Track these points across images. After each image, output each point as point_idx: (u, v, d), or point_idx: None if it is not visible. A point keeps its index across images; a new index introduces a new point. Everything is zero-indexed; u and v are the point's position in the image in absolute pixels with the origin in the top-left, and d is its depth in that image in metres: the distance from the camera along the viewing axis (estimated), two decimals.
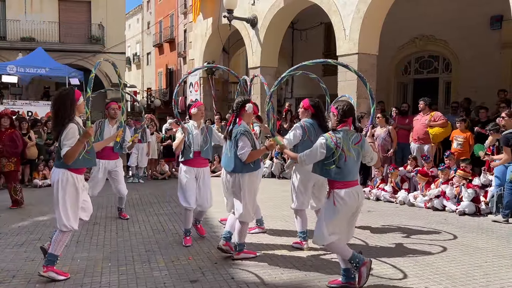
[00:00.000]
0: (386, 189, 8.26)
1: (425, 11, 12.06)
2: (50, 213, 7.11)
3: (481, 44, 11.07)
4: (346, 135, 3.76)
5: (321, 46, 15.93)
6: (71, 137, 3.95)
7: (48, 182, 10.19)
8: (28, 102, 15.86)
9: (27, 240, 5.54)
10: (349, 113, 3.80)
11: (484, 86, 10.74)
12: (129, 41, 36.84)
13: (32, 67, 16.76)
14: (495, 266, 4.56)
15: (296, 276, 4.22)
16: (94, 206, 7.70)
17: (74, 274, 4.29)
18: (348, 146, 3.74)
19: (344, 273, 3.90)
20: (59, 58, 20.40)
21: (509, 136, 6.53)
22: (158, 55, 35.01)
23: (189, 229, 5.35)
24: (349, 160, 3.74)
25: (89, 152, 4.15)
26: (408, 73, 13.51)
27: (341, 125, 3.79)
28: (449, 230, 6.05)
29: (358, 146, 3.81)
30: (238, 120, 4.54)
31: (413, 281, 4.13)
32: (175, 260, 4.71)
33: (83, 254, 4.95)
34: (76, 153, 3.94)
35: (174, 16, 31.06)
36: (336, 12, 10.17)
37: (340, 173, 3.73)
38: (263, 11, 12.57)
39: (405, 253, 4.98)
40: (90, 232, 5.94)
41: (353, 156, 3.77)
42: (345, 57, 9.92)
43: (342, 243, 3.87)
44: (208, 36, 15.43)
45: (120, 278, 4.19)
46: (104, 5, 22.89)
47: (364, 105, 9.62)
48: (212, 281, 4.10)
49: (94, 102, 17.84)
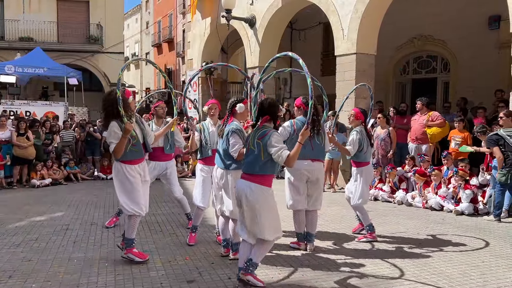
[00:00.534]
0: (384, 189, 8.27)
1: (423, 11, 12.05)
2: (48, 213, 7.12)
3: (479, 44, 11.06)
4: (256, 130, 3.98)
5: (319, 46, 15.93)
6: (113, 134, 4.35)
7: (46, 182, 10.20)
8: (26, 102, 15.79)
9: (24, 240, 5.52)
10: (267, 110, 3.99)
11: (482, 86, 10.74)
12: (128, 41, 36.82)
13: (30, 67, 16.75)
14: (492, 266, 4.56)
15: (293, 276, 4.22)
16: (91, 205, 7.75)
17: (71, 274, 4.28)
18: (252, 141, 3.94)
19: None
20: (58, 58, 20.39)
21: (494, 137, 6.63)
22: (157, 55, 35.00)
23: (197, 226, 5.38)
24: (250, 152, 3.94)
25: (135, 145, 4.52)
26: (407, 73, 13.51)
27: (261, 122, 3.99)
28: (446, 230, 6.05)
29: (260, 141, 3.88)
30: (229, 119, 4.56)
31: (410, 281, 4.13)
32: (172, 260, 4.70)
33: (80, 254, 4.93)
34: (121, 148, 4.35)
35: (172, 16, 31.06)
36: (334, 12, 10.17)
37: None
38: (261, 11, 12.56)
39: (402, 253, 4.98)
40: (88, 232, 5.92)
41: (254, 149, 3.90)
42: (343, 57, 9.92)
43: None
44: (206, 36, 15.42)
45: (117, 278, 4.18)
46: (103, 5, 22.88)
47: (362, 104, 9.61)
48: (209, 281, 4.09)
49: (93, 101, 17.86)
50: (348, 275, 4.27)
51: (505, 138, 6.49)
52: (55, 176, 10.50)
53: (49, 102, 16.96)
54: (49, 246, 5.26)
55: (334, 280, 4.11)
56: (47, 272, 4.35)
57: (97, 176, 11.53)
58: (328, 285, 4.02)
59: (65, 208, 7.55)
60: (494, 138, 6.62)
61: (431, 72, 12.87)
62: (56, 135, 11.38)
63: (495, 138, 6.61)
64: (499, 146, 6.54)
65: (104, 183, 10.70)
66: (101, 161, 11.70)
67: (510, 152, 6.43)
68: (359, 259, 4.78)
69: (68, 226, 6.23)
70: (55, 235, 5.74)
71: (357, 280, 4.13)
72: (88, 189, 9.79)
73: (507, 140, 6.46)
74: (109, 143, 4.42)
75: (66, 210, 7.42)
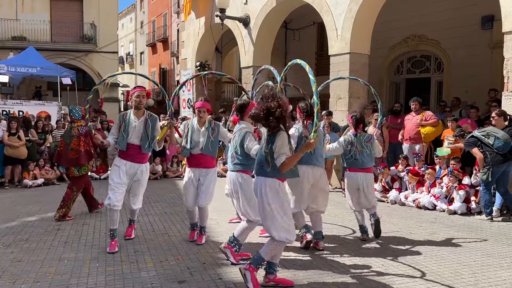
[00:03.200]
0: (377, 188, 8.27)
1: (417, 11, 12.08)
2: (39, 213, 7.07)
3: (473, 44, 11.10)
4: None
5: (314, 46, 15.93)
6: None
7: (38, 183, 10.11)
8: (19, 101, 15.67)
9: (14, 240, 5.47)
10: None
11: (475, 86, 10.78)
12: (122, 41, 36.69)
13: (23, 67, 16.61)
14: (483, 265, 4.57)
15: (284, 275, 4.19)
16: (83, 205, 7.68)
17: (61, 275, 4.24)
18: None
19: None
20: (51, 57, 20.25)
21: (471, 140, 6.74)
22: (152, 54, 34.89)
23: (203, 225, 5.37)
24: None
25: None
26: (401, 72, 13.53)
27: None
28: (438, 229, 6.06)
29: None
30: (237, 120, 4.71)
31: (401, 280, 4.13)
32: (163, 261, 4.67)
33: (71, 254, 4.89)
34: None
35: (167, 15, 30.95)
36: (328, 12, 10.16)
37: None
38: (255, 10, 12.54)
39: (394, 252, 4.98)
40: (79, 232, 5.88)
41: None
42: (337, 57, 9.92)
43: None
44: (200, 35, 15.38)
45: (107, 278, 4.15)
46: (97, 4, 22.75)
47: (356, 104, 9.63)
48: (200, 281, 4.07)
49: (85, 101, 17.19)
50: (339, 273, 4.26)
51: (480, 139, 6.62)
52: (47, 176, 10.42)
53: (42, 101, 16.84)
54: (40, 246, 5.22)
55: (324, 280, 4.10)
56: (36, 272, 4.31)
57: (90, 176, 11.44)
58: (319, 283, 4.01)
59: (57, 208, 7.47)
60: (471, 141, 6.77)
61: (425, 72, 12.90)
62: (48, 135, 11.30)
63: (472, 140, 6.77)
64: (477, 147, 6.64)
65: (97, 183, 10.63)
66: (94, 161, 11.61)
67: (487, 151, 6.56)
68: (351, 258, 4.77)
69: (60, 227, 6.18)
70: (46, 235, 5.70)
71: (348, 279, 4.12)
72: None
73: (483, 140, 6.59)
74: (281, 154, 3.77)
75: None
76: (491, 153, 6.50)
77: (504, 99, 7.11)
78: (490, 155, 6.50)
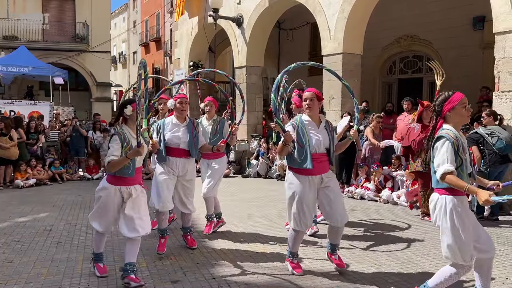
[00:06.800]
0: (369, 187, 8.30)
1: (409, 11, 12.16)
2: (31, 214, 7.02)
3: (464, 44, 11.20)
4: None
5: (307, 46, 15.97)
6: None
7: (30, 183, 10.04)
8: (11, 101, 15.56)
9: (6, 241, 5.43)
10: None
11: (467, 86, 10.84)
12: (115, 40, 36.50)
13: (15, 66, 16.48)
14: None
15: (277, 275, 4.21)
16: (76, 206, 7.66)
17: (53, 276, 4.22)
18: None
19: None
20: (43, 57, 20.09)
21: (474, 136, 6.64)
22: (144, 54, 34.75)
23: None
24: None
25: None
26: (393, 73, 13.61)
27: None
28: (431, 228, 6.09)
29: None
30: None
31: (394, 278, 4.15)
32: (156, 261, 4.66)
33: (63, 255, 4.87)
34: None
35: (160, 15, 30.88)
36: (321, 12, 10.20)
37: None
38: (248, 10, 12.55)
39: (387, 251, 5.01)
40: (72, 233, 5.85)
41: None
42: (330, 57, 9.96)
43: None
44: (194, 35, 15.35)
45: (100, 279, 4.13)
46: (89, 3, 22.59)
47: (349, 104, 9.66)
48: (194, 281, 4.07)
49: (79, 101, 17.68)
50: (332, 273, 4.27)
51: (484, 137, 6.55)
52: (39, 176, 10.36)
53: (34, 101, 16.73)
54: (32, 247, 5.18)
55: (317, 280, 4.12)
56: (29, 273, 4.28)
57: (83, 176, 11.42)
58: (312, 283, 4.02)
59: (49, 209, 7.44)
60: (474, 137, 6.62)
61: (417, 72, 12.99)
62: (41, 135, 11.23)
63: (475, 137, 6.62)
64: (478, 145, 6.59)
65: (90, 183, 10.59)
66: (87, 161, 11.58)
67: (488, 150, 6.47)
68: (343, 257, 4.78)
69: (52, 227, 6.14)
70: (38, 236, 5.66)
71: (341, 278, 4.14)
72: (73, 189, 9.67)
73: (486, 139, 6.50)
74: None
75: (50, 210, 7.31)
76: (491, 153, 6.41)
77: (495, 99, 7.17)
78: (490, 155, 6.42)
